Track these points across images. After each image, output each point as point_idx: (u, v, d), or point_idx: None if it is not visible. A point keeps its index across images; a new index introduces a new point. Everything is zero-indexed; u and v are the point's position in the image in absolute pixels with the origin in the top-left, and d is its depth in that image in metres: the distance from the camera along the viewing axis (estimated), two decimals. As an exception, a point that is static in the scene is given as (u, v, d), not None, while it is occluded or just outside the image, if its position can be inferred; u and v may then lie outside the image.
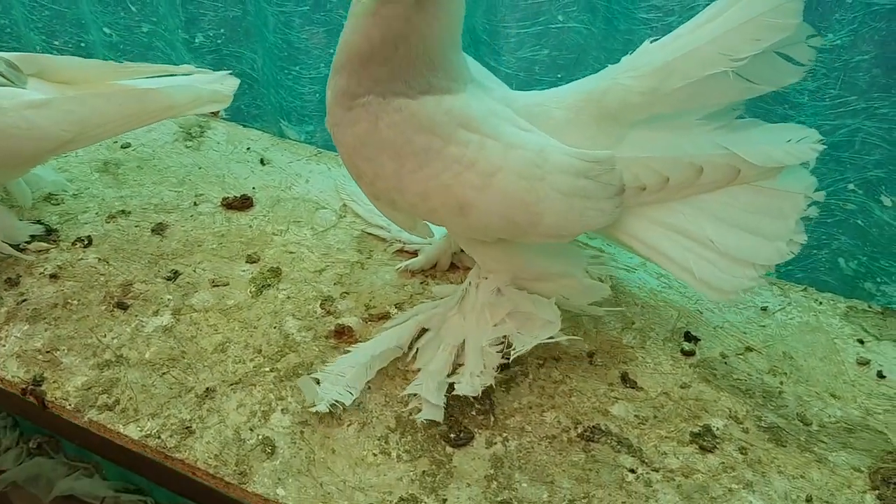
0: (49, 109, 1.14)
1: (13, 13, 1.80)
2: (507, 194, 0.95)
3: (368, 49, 0.91)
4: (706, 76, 0.90)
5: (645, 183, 0.97)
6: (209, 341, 1.14)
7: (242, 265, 1.27)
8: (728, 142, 0.94)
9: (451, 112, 0.94)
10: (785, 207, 0.95)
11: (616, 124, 0.97)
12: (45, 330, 1.15)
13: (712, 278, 0.96)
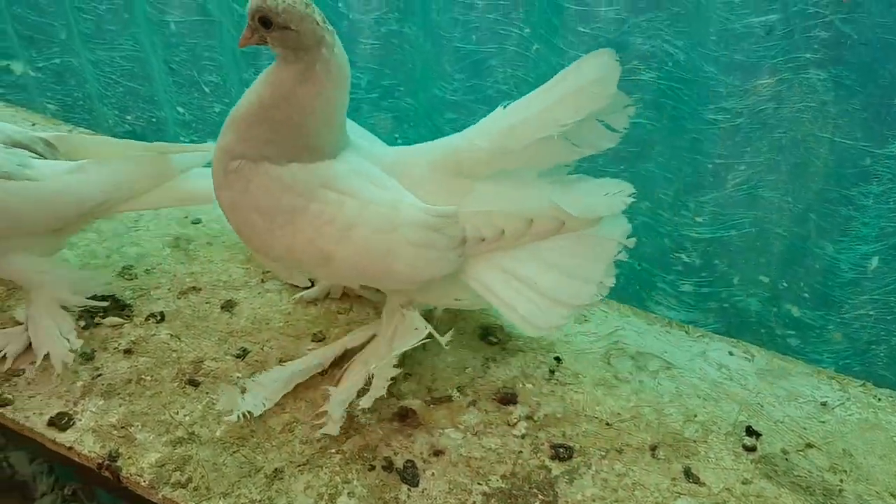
0: (84, 174, 1.25)
1: (87, 87, 1.92)
2: (362, 246, 1.08)
3: (256, 107, 1.05)
4: (538, 139, 1.04)
5: (484, 234, 1.10)
6: (277, 420, 1.18)
7: (308, 344, 1.32)
8: (557, 195, 1.08)
9: (312, 173, 1.07)
10: (600, 252, 1.10)
11: (466, 179, 1.11)
12: (119, 405, 1.20)
13: (531, 315, 1.10)
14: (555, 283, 1.10)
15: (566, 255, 1.10)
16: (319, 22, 1.00)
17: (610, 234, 1.09)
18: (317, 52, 1.00)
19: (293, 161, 1.07)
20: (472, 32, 1.32)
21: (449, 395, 1.23)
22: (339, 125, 1.10)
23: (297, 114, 1.04)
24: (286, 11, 0.98)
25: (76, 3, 1.69)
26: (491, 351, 1.31)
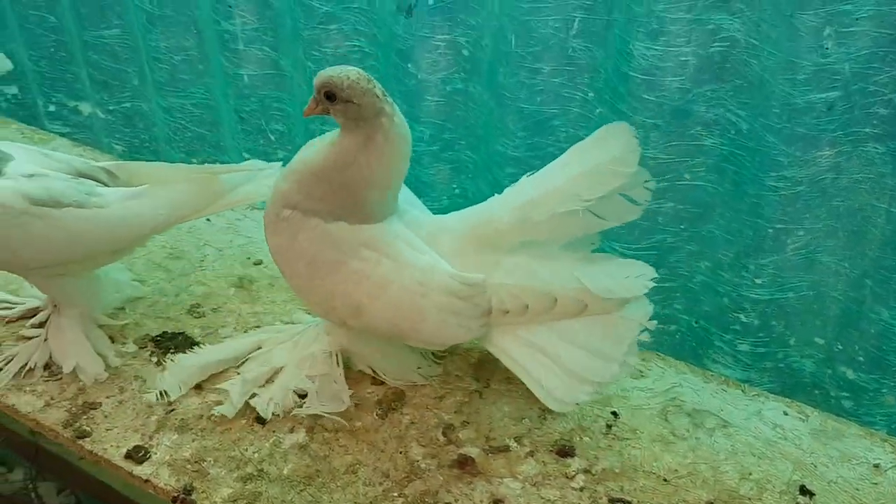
0: (144, 198, 1.33)
1: (155, 130, 2.02)
2: (395, 304, 1.17)
3: (320, 167, 1.13)
4: (562, 212, 1.11)
5: (508, 308, 1.17)
6: (341, 461, 1.23)
7: (368, 387, 1.36)
8: (582, 273, 1.14)
9: (356, 233, 1.16)
10: (622, 333, 1.16)
11: (493, 250, 1.18)
12: (192, 440, 1.25)
13: (556, 391, 1.18)
14: (578, 361, 1.17)
15: (590, 333, 1.17)
16: (379, 95, 1.08)
17: (632, 314, 1.16)
18: (376, 123, 1.09)
19: (340, 220, 1.15)
20: (538, 95, 1.39)
21: (507, 445, 1.26)
22: (393, 193, 1.18)
23: (356, 180, 1.12)
24: (350, 87, 1.06)
25: (153, 54, 1.79)
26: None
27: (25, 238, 1.23)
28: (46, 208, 1.23)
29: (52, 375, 1.36)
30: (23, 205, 1.22)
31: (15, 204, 1.21)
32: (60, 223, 1.24)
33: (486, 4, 1.38)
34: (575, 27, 1.30)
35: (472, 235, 1.20)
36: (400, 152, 1.13)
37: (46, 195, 1.24)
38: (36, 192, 1.23)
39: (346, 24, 1.53)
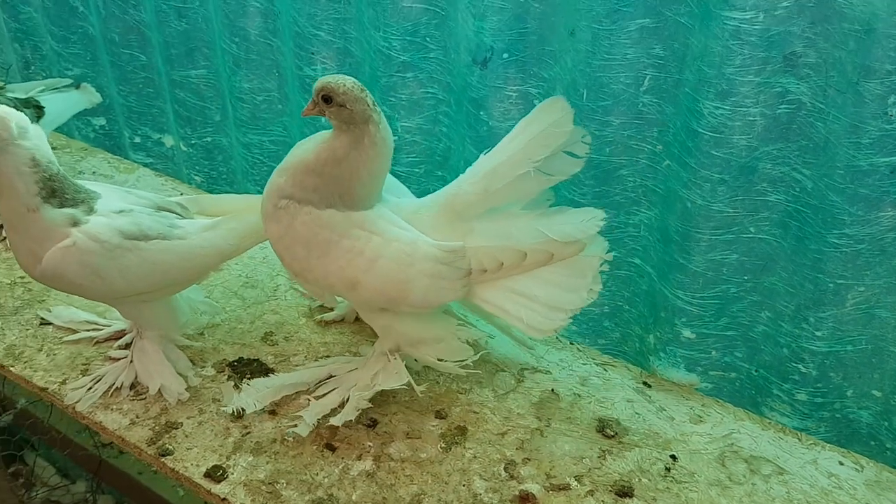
0: (217, 229, 1.43)
1: (233, 164, 2.12)
2: (385, 275, 1.30)
3: (312, 162, 1.27)
4: (517, 175, 1.27)
5: (486, 266, 1.33)
6: (406, 491, 1.29)
7: (432, 420, 1.43)
8: (543, 226, 1.30)
9: (347, 216, 1.30)
10: (585, 267, 1.32)
11: (464, 220, 1.33)
12: (266, 462, 1.33)
13: (535, 322, 1.32)
14: (552, 295, 1.32)
15: (559, 273, 1.32)
16: (370, 104, 1.23)
17: (592, 252, 1.32)
18: (365, 128, 1.24)
19: (331, 208, 1.29)
20: (607, 146, 1.45)
21: (567, 483, 1.31)
22: (377, 187, 1.33)
23: (345, 174, 1.27)
24: (345, 93, 1.21)
25: (236, 94, 1.90)
26: (607, 444, 1.39)
27: (118, 270, 1.34)
28: (137, 241, 1.34)
29: (137, 395, 1.45)
30: (117, 240, 1.32)
31: (111, 239, 1.32)
32: (149, 255, 1.35)
33: (559, 59, 1.45)
34: (646, 84, 1.36)
35: (444, 210, 1.35)
36: (384, 154, 1.28)
37: (137, 229, 1.35)
38: (127, 227, 1.34)
39: (421, 72, 1.61)
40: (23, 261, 1.33)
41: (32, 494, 2.92)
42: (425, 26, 1.55)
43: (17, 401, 2.79)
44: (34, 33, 2.24)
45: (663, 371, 1.56)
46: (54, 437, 2.75)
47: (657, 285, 1.54)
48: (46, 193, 1.28)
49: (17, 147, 1.24)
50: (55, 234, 1.29)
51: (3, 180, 1.26)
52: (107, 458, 2.80)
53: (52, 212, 1.29)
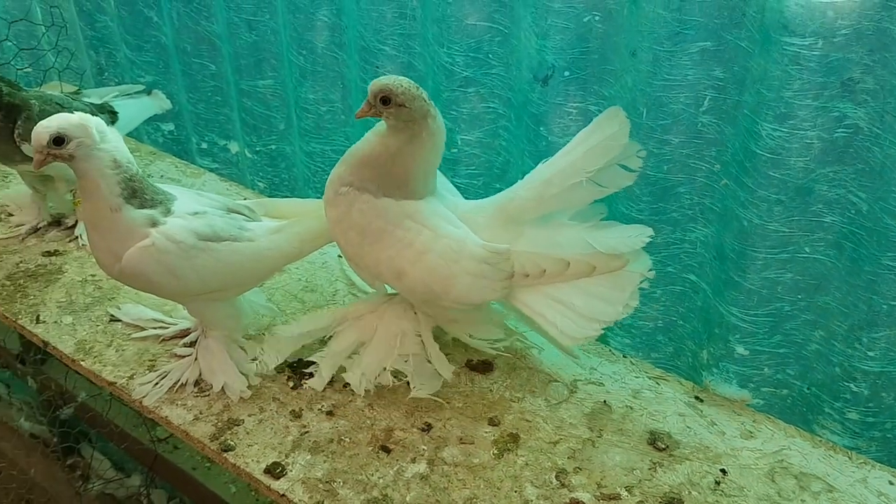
0: (283, 232, 1.50)
1: (295, 171, 2.19)
2: (430, 269, 1.36)
3: (368, 155, 1.35)
4: (570, 184, 1.33)
5: (528, 272, 1.38)
6: (459, 495, 1.33)
7: (485, 426, 1.46)
8: (591, 237, 1.35)
9: (402, 207, 1.36)
10: (625, 282, 1.36)
11: (516, 224, 1.39)
12: (324, 461, 1.38)
13: (568, 329, 1.37)
14: (588, 305, 1.37)
15: (598, 284, 1.37)
16: (426, 100, 1.29)
17: (635, 268, 1.36)
18: (423, 123, 1.30)
19: (387, 196, 1.36)
20: (665, 163, 1.48)
21: (618, 493, 1.34)
22: (431, 175, 1.40)
23: (400, 166, 1.33)
24: (403, 93, 1.27)
25: (301, 104, 1.97)
26: (658, 456, 1.41)
27: (193, 269, 1.41)
28: (210, 242, 1.41)
29: (200, 392, 1.52)
30: (192, 240, 1.39)
31: (186, 240, 1.39)
32: (220, 255, 1.42)
33: (619, 78, 1.48)
34: (705, 105, 1.39)
35: (498, 213, 1.41)
36: (439, 146, 1.35)
37: (210, 231, 1.42)
38: (201, 229, 1.41)
39: (483, 87, 1.66)
40: (102, 259, 1.40)
41: (88, 487, 3.02)
42: (488, 43, 1.61)
43: (77, 394, 2.91)
44: (109, 41, 2.34)
45: (715, 386, 1.58)
46: (112, 431, 2.84)
47: (712, 302, 1.56)
48: (128, 194, 1.35)
49: (100, 151, 1.32)
50: (135, 234, 1.36)
51: (88, 183, 1.34)
52: (162, 453, 2.89)
53: (133, 212, 1.36)
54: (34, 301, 1.73)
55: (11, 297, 1.74)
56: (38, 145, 1.29)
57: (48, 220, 1.95)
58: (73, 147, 1.30)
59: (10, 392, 3.46)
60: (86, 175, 1.33)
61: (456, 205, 1.44)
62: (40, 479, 2.97)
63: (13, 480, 2.91)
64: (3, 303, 1.72)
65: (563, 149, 1.36)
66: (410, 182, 1.36)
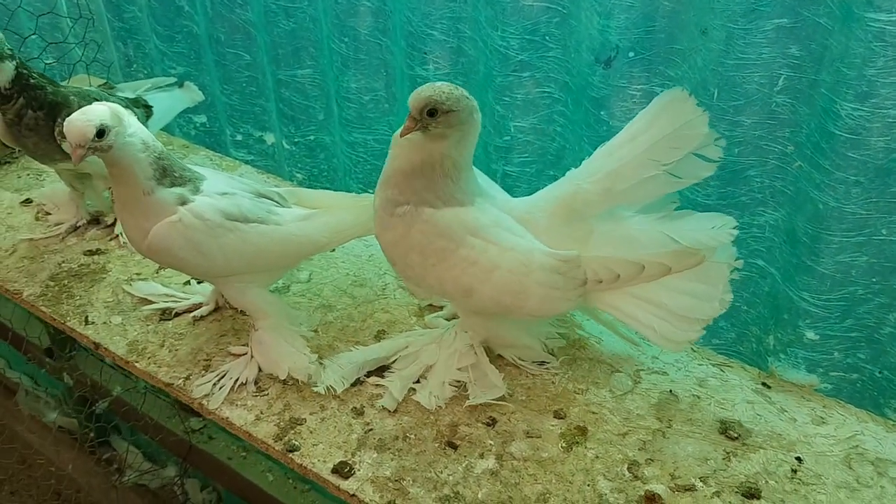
0: (312, 221, 1.50)
1: (335, 161, 2.17)
2: (501, 286, 1.33)
3: (410, 169, 1.29)
4: (645, 177, 1.28)
5: (601, 277, 1.33)
6: (531, 490, 1.31)
7: (551, 420, 1.44)
8: (670, 230, 1.30)
9: (463, 223, 1.32)
10: (715, 275, 1.30)
11: (583, 220, 1.34)
12: (391, 459, 1.37)
13: (668, 333, 1.32)
14: (681, 304, 1.31)
15: (686, 280, 1.31)
16: (469, 96, 1.25)
17: (720, 259, 1.30)
18: (471, 119, 1.26)
19: (447, 205, 1.31)
20: (736, 146, 1.45)
21: (693, 485, 1.32)
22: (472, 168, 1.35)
23: (451, 167, 1.28)
24: (449, 99, 1.22)
25: (343, 94, 1.94)
26: (731, 445, 1.39)
27: (218, 247, 1.43)
28: (237, 223, 1.43)
29: (259, 391, 1.50)
30: (219, 219, 1.42)
31: (213, 218, 1.41)
32: (247, 236, 1.44)
33: (687, 58, 1.45)
34: (780, 84, 1.36)
35: (560, 210, 1.35)
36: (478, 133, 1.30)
37: (237, 211, 1.44)
38: (229, 208, 1.43)
39: (538, 71, 1.63)
40: (132, 236, 1.43)
41: (124, 479, 3.04)
42: (545, 25, 1.58)
43: (111, 388, 2.91)
44: (138, 32, 2.32)
45: (782, 372, 1.56)
46: (147, 424, 2.85)
47: (781, 287, 1.54)
48: (160, 174, 1.38)
49: (132, 137, 1.35)
50: (165, 211, 1.39)
51: (121, 171, 1.36)
52: (197, 444, 2.91)
53: (164, 192, 1.39)
54: (81, 302, 1.72)
55: (57, 298, 1.73)
56: (81, 139, 1.30)
57: (87, 219, 1.93)
58: (112, 137, 1.32)
59: (38, 386, 3.48)
60: (119, 163, 1.35)
61: (510, 205, 1.39)
62: (71, 471, 3.00)
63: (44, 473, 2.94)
64: (50, 304, 1.71)
65: (622, 133, 1.32)
66: (462, 179, 1.32)
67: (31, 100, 1.64)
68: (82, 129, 1.30)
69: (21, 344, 3.06)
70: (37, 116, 1.65)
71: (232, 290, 1.53)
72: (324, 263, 1.82)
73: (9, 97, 1.63)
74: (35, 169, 2.17)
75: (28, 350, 3.07)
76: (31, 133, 1.67)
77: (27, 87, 1.64)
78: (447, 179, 1.30)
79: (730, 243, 1.30)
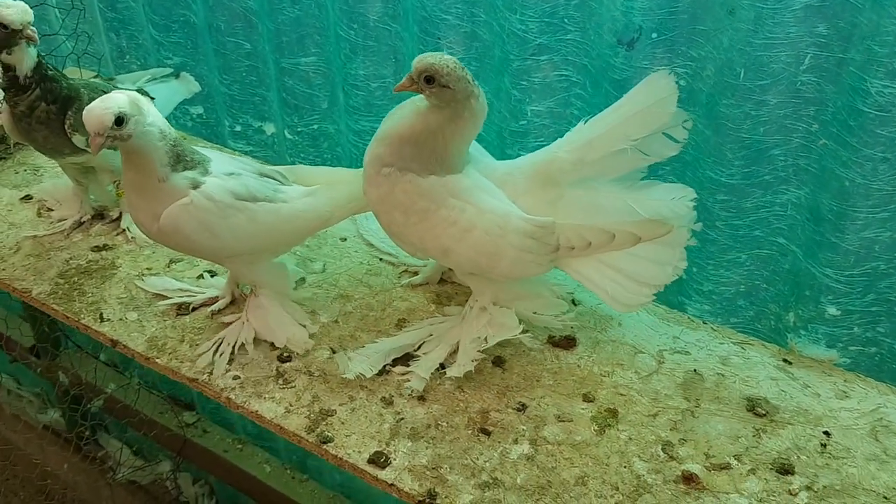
0: (317, 196, 1.52)
1: (339, 150, 2.18)
2: (476, 245, 1.37)
3: (408, 134, 1.33)
4: (614, 151, 1.33)
5: (573, 244, 1.38)
6: (569, 473, 1.32)
7: (580, 403, 1.45)
8: (633, 200, 1.35)
9: (444, 185, 1.36)
10: (673, 242, 1.36)
11: (556, 185, 1.38)
12: (426, 448, 1.36)
13: (619, 296, 1.39)
14: (637, 268, 1.37)
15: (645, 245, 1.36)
16: (470, 81, 1.28)
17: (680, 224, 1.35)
18: (466, 104, 1.29)
19: (431, 174, 1.35)
20: (761, 125, 1.46)
21: (728, 463, 1.34)
22: (468, 148, 1.39)
23: (441, 144, 1.33)
24: (449, 74, 1.25)
25: (350, 81, 1.92)
26: (760, 422, 1.41)
27: (229, 228, 1.43)
28: (246, 202, 1.44)
29: (286, 383, 1.49)
30: (229, 199, 1.42)
31: (224, 199, 1.42)
32: (256, 215, 1.45)
33: (711, 38, 1.46)
34: (806, 63, 1.37)
35: (536, 174, 1.40)
36: (479, 124, 1.34)
37: (245, 191, 1.44)
38: (238, 189, 1.44)
39: (556, 54, 1.63)
40: (143, 219, 1.43)
41: (117, 476, 3.02)
42: (564, 7, 1.58)
43: (103, 386, 2.88)
44: (131, 22, 2.28)
45: (802, 348, 1.58)
46: (142, 420, 2.83)
47: (802, 264, 1.55)
48: (174, 161, 1.38)
49: (150, 126, 1.34)
50: (177, 195, 1.39)
51: (139, 158, 1.36)
52: (191, 438, 2.89)
53: (177, 177, 1.39)
54: (93, 299, 1.69)
55: (69, 295, 1.70)
56: (100, 128, 1.29)
57: (91, 214, 1.89)
58: (131, 126, 1.31)
59: (20, 385, 3.43)
60: (137, 151, 1.35)
61: (492, 167, 1.44)
62: (57, 469, 2.96)
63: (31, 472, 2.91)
64: (62, 302, 1.68)
65: (607, 109, 1.35)
66: (450, 157, 1.36)
67: (47, 92, 1.61)
68: (101, 117, 1.28)
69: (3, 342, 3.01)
70: (49, 109, 1.61)
71: (240, 266, 1.54)
72: (336, 253, 1.81)
73: (27, 87, 1.60)
74: (32, 164, 2.12)
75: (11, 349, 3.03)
76: (41, 126, 1.63)
77: (45, 78, 1.61)
78: (434, 156, 1.34)
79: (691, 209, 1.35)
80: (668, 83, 1.28)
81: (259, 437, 2.85)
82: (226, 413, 2.90)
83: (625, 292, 1.39)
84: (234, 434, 2.93)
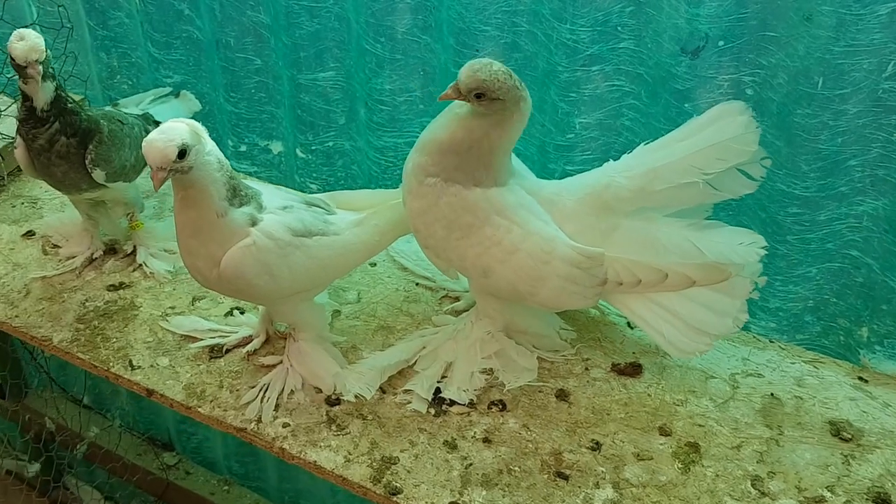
0: (364, 225, 1.45)
1: (354, 168, 2.09)
2: (519, 269, 1.32)
3: (450, 143, 1.28)
4: (683, 183, 1.26)
5: (622, 280, 1.33)
6: (660, 511, 1.26)
7: (658, 437, 1.39)
8: (696, 239, 1.29)
9: (490, 201, 1.31)
10: (735, 290, 1.30)
11: (611, 214, 1.32)
12: (502, 496, 1.30)
13: (677, 342, 1.33)
14: (695, 315, 1.32)
15: (706, 290, 1.31)
16: (519, 86, 1.23)
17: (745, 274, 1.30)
18: (515, 108, 1.24)
19: (476, 185, 1.30)
20: (839, 136, 1.41)
21: (822, 496, 1.29)
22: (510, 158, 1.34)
23: (486, 150, 1.27)
24: (500, 88, 1.20)
25: (375, 96, 1.84)
26: (847, 448, 1.37)
27: (287, 267, 1.35)
28: (303, 238, 1.37)
29: (339, 429, 1.42)
30: (288, 237, 1.35)
31: (283, 237, 1.34)
32: (312, 251, 1.38)
33: (784, 46, 1.40)
34: (888, 70, 1.32)
35: (589, 199, 1.34)
36: (524, 124, 1.29)
37: (301, 226, 1.37)
38: (294, 224, 1.36)
39: (608, 64, 1.56)
40: (199, 265, 1.33)
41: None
42: (618, 15, 1.51)
43: (73, 427, 2.72)
44: (124, 40, 2.17)
45: (876, 364, 1.54)
46: (125, 465, 2.70)
47: (878, 276, 1.51)
48: (231, 194, 1.30)
49: (209, 155, 1.25)
50: (237, 234, 1.31)
51: (196, 192, 1.26)
52: (174, 480, 2.77)
53: (235, 212, 1.30)
54: (119, 344, 1.60)
55: (92, 342, 1.60)
56: (164, 162, 1.20)
57: (103, 249, 1.77)
58: (192, 157, 1.22)
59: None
60: (196, 184, 1.26)
61: (537, 185, 1.38)
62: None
63: None
64: (86, 350, 1.59)
65: (671, 134, 1.30)
66: (495, 164, 1.31)
67: (66, 125, 1.51)
68: (164, 150, 1.19)
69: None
70: (69, 143, 1.52)
71: (285, 307, 1.46)
72: (369, 280, 1.73)
73: (45, 120, 1.50)
74: (28, 196, 2.01)
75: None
76: (61, 161, 1.53)
77: (64, 111, 1.51)
78: (479, 163, 1.29)
79: (756, 261, 1.29)
80: (747, 117, 1.22)
81: (245, 476, 2.74)
82: (208, 452, 2.79)
83: (682, 337, 1.33)
84: (218, 474, 2.82)
